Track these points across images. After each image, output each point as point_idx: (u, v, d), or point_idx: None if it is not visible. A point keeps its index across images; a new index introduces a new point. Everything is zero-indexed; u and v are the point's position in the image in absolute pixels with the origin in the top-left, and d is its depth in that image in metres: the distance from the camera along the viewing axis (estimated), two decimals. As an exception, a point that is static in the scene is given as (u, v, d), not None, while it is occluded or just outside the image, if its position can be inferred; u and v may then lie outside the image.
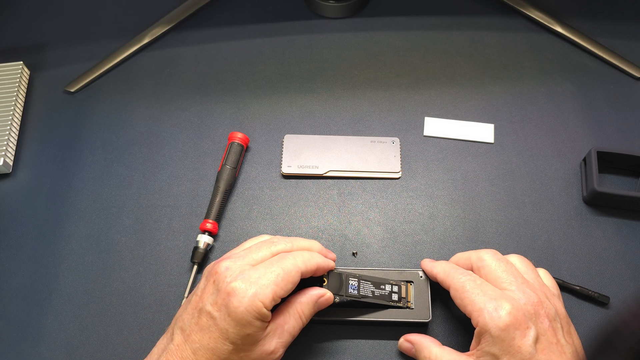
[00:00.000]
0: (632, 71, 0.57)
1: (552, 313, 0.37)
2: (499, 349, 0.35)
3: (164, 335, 0.39)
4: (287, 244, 0.40)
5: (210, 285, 0.38)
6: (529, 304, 0.37)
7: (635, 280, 0.46)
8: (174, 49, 0.60)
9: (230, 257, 0.39)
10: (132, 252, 0.48)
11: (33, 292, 0.46)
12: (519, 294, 0.37)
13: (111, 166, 0.52)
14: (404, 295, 0.43)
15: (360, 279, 0.42)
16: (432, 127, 0.54)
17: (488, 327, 0.36)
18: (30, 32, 0.62)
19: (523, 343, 0.35)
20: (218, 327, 0.36)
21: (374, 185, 0.51)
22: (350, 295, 0.41)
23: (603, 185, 0.50)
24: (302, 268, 0.38)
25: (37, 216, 0.50)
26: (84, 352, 0.43)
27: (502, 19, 0.62)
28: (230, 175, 0.50)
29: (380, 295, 0.42)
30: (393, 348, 0.43)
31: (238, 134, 0.51)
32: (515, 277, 0.39)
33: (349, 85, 0.57)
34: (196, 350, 0.36)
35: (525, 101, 0.56)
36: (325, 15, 0.62)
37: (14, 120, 0.54)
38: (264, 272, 0.37)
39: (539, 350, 0.35)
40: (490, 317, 0.36)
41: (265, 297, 0.36)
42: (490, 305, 0.36)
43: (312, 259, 0.40)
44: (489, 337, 0.36)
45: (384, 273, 0.44)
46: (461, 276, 0.39)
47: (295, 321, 0.39)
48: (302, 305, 0.40)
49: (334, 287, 0.41)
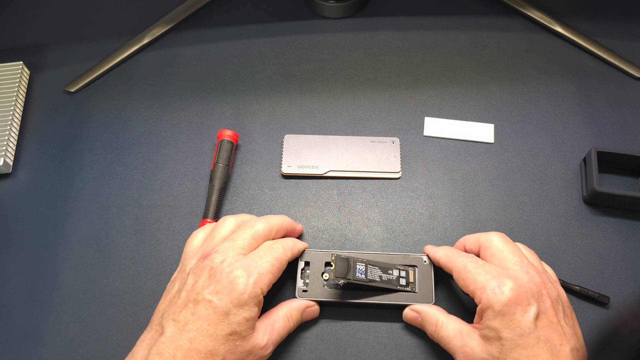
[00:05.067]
0: (632, 71, 0.57)
1: (554, 295, 0.38)
2: (500, 323, 0.36)
3: (146, 332, 0.39)
4: (263, 224, 0.42)
5: (205, 278, 0.38)
6: (532, 283, 0.38)
7: (635, 280, 0.46)
8: (174, 49, 0.60)
9: (215, 250, 0.40)
10: (132, 252, 0.48)
11: (33, 292, 0.46)
12: (522, 274, 0.38)
13: (111, 166, 0.52)
14: (411, 280, 0.44)
15: (368, 263, 0.43)
16: (432, 127, 0.54)
17: (490, 302, 0.37)
18: (30, 32, 0.62)
19: (523, 318, 0.36)
20: (218, 312, 0.37)
21: (374, 185, 0.51)
22: (358, 280, 0.41)
23: (603, 185, 0.50)
24: (289, 256, 0.42)
25: (37, 216, 0.50)
26: (84, 352, 0.43)
27: (502, 19, 0.62)
28: (223, 172, 0.50)
29: (388, 280, 0.43)
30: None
31: (227, 131, 0.51)
32: (520, 258, 0.40)
33: (349, 85, 0.57)
34: (193, 339, 0.36)
35: (525, 101, 0.56)
36: (325, 15, 0.62)
37: (14, 120, 0.54)
38: (259, 261, 0.39)
39: (538, 327, 0.36)
40: (493, 293, 0.37)
41: (263, 284, 0.38)
42: (492, 282, 0.37)
43: (296, 246, 0.43)
44: (490, 312, 0.37)
45: (389, 257, 0.45)
46: (463, 258, 0.40)
47: (285, 322, 0.41)
48: (291, 310, 0.42)
49: (342, 271, 0.41)
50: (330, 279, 0.43)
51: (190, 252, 0.42)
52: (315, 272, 0.44)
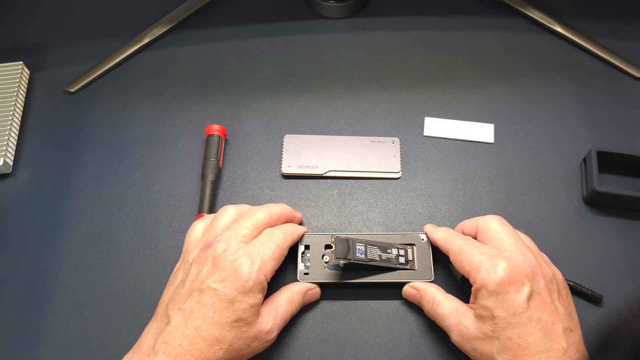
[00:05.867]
0: (632, 71, 0.57)
1: (549, 275, 0.39)
2: (493, 303, 0.37)
3: (151, 322, 0.39)
4: (264, 212, 0.43)
5: (208, 267, 0.38)
6: (526, 264, 0.38)
7: (634, 280, 0.46)
8: (174, 49, 0.60)
9: (217, 239, 0.40)
10: (132, 252, 0.48)
11: (33, 292, 0.46)
12: (517, 254, 0.39)
13: (111, 166, 0.52)
14: (410, 258, 0.44)
15: (367, 243, 0.43)
16: (432, 127, 0.54)
17: (484, 282, 0.37)
18: (30, 32, 0.62)
19: (516, 298, 0.36)
20: (223, 300, 0.37)
21: (374, 185, 0.51)
22: (358, 259, 0.42)
23: (603, 185, 0.50)
24: (289, 241, 0.42)
25: (37, 216, 0.50)
26: (84, 352, 0.43)
27: (502, 19, 0.62)
28: (213, 166, 0.50)
29: (387, 259, 0.44)
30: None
31: (214, 126, 0.52)
32: (516, 240, 0.40)
33: (349, 85, 0.57)
34: (199, 327, 0.36)
35: (525, 101, 0.56)
36: (325, 15, 0.62)
37: (14, 120, 0.54)
38: (262, 248, 0.40)
39: (531, 307, 0.36)
40: (487, 273, 0.37)
41: (267, 271, 0.39)
42: (487, 263, 0.38)
43: (295, 231, 0.44)
44: (484, 292, 0.37)
45: (387, 237, 0.45)
46: (459, 240, 0.41)
47: (287, 306, 0.42)
48: (293, 294, 0.43)
49: (342, 252, 0.42)
50: (331, 260, 0.44)
51: (191, 243, 0.43)
52: (316, 254, 0.45)
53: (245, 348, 0.38)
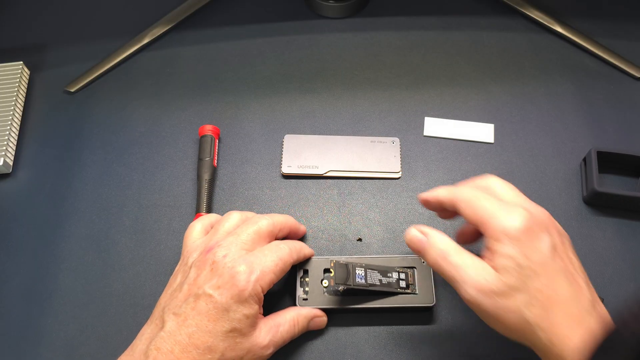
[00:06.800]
0: (632, 71, 0.57)
1: (561, 230, 0.37)
2: (517, 250, 0.33)
3: (147, 325, 0.39)
4: (267, 220, 0.42)
5: (207, 272, 0.38)
6: (542, 215, 0.36)
7: (635, 281, 0.46)
8: (174, 49, 0.60)
9: (218, 244, 0.39)
10: (132, 252, 0.48)
11: (33, 292, 0.46)
12: (529, 206, 0.36)
13: (111, 166, 0.52)
14: (411, 282, 0.43)
15: (367, 268, 0.42)
16: (432, 127, 0.54)
17: (505, 228, 0.34)
18: (30, 32, 0.62)
19: (541, 245, 0.34)
20: (218, 308, 0.36)
21: (374, 185, 0.51)
22: (359, 285, 0.41)
23: (603, 185, 0.50)
24: (294, 258, 0.41)
25: (37, 216, 0.50)
26: (84, 352, 0.43)
27: (502, 19, 0.62)
28: (207, 166, 0.50)
29: (387, 283, 0.42)
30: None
31: (207, 126, 0.52)
32: (523, 196, 0.38)
33: (349, 85, 0.57)
34: (192, 334, 0.36)
35: (525, 101, 0.56)
36: (325, 15, 0.62)
37: (14, 120, 0.54)
38: (264, 259, 0.39)
39: (555, 256, 0.34)
40: (507, 219, 0.34)
41: (264, 283, 0.38)
42: (503, 210, 0.35)
43: (302, 250, 0.43)
44: (505, 239, 0.34)
45: (387, 260, 0.44)
46: (468, 189, 0.37)
47: (290, 327, 0.40)
48: (299, 316, 0.41)
49: (341, 277, 0.41)
50: (330, 285, 0.42)
51: (191, 245, 0.42)
52: (315, 279, 0.44)
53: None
